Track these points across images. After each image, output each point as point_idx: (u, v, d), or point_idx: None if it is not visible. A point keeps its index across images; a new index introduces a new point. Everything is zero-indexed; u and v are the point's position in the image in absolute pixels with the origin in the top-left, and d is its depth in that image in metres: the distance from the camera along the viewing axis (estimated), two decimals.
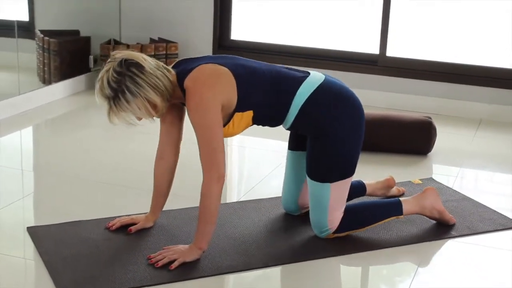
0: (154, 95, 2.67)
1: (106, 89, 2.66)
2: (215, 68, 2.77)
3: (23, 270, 2.78)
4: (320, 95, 2.88)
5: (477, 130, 4.75)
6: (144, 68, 2.67)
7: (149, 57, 2.75)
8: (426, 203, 3.12)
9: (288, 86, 2.88)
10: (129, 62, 2.67)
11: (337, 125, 2.89)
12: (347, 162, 2.93)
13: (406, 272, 2.86)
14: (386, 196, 3.48)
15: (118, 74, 2.65)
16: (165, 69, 2.76)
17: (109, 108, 2.68)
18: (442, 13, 5.17)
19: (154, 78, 2.68)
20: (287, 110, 2.88)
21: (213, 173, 2.70)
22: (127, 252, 2.86)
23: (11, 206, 3.29)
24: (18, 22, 4.76)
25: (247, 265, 2.80)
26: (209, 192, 2.71)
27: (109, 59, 2.72)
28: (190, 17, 5.46)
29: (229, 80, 2.76)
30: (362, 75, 5.19)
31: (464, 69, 5.04)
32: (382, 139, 4.14)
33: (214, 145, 2.70)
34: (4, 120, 4.52)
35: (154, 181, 3.03)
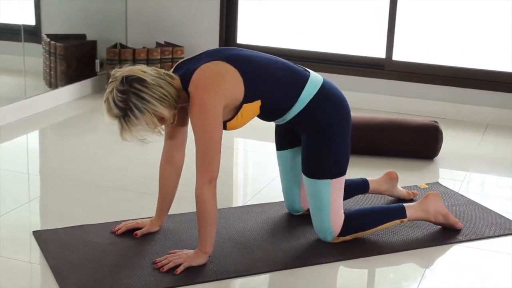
0: (161, 107, 2.67)
1: (114, 109, 2.65)
2: (217, 68, 2.75)
3: (28, 274, 2.78)
4: (323, 94, 2.91)
5: (483, 134, 4.74)
6: (146, 82, 2.66)
7: (148, 67, 2.74)
8: (430, 208, 3.12)
9: (297, 78, 2.89)
10: (130, 79, 2.66)
11: (334, 126, 2.90)
12: (343, 158, 2.94)
13: (412, 276, 2.86)
14: (392, 194, 3.48)
15: (122, 93, 2.64)
16: (167, 75, 2.75)
17: (121, 126, 2.68)
18: (448, 17, 5.16)
19: (158, 89, 2.67)
20: (293, 103, 2.88)
21: (206, 176, 2.70)
22: (133, 256, 2.85)
23: (17, 210, 3.30)
24: (25, 26, 4.77)
25: (253, 270, 2.80)
26: (202, 195, 2.71)
27: (110, 79, 2.71)
28: (196, 21, 5.46)
29: (233, 76, 2.76)
30: (368, 79, 5.18)
31: (471, 73, 5.03)
32: (388, 143, 4.13)
33: (212, 149, 2.70)
34: (11, 124, 4.52)
35: (160, 185, 3.03)
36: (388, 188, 3.47)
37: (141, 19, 5.57)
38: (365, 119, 4.15)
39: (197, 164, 2.73)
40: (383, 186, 3.46)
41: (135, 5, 5.57)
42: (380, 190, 3.46)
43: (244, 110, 2.80)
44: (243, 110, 2.80)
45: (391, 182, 3.47)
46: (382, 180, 3.46)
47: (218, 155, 2.72)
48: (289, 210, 3.29)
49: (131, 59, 5.17)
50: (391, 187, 3.47)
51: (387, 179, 3.46)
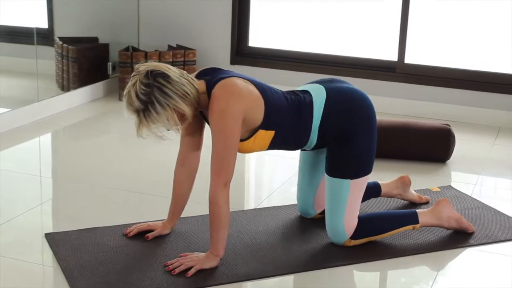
0: (183, 104, 2.67)
1: (135, 102, 2.65)
2: (247, 84, 2.79)
3: (40, 276, 2.79)
4: (331, 108, 2.91)
5: (496, 137, 4.72)
6: (170, 77, 2.67)
7: (172, 66, 2.75)
8: (443, 215, 3.11)
9: (306, 108, 2.90)
10: (155, 73, 2.66)
11: (355, 126, 2.91)
12: (366, 158, 2.95)
13: (424, 280, 2.85)
14: (404, 198, 3.47)
15: (146, 86, 2.64)
16: (189, 76, 2.76)
17: (139, 121, 2.67)
18: (460, 20, 5.14)
19: (181, 86, 2.68)
20: (310, 131, 2.91)
21: (221, 179, 2.71)
22: (144, 259, 2.86)
23: (30, 212, 3.31)
24: (37, 29, 4.79)
25: (264, 273, 2.79)
26: (216, 198, 2.72)
27: (134, 72, 2.71)
28: (208, 24, 5.47)
29: (257, 97, 2.79)
30: (380, 82, 5.17)
31: (483, 76, 5.01)
32: (400, 146, 4.12)
33: (228, 151, 2.70)
34: (23, 126, 4.54)
35: (174, 188, 3.03)
36: (400, 192, 3.46)
37: (153, 22, 5.58)
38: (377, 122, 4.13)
39: (212, 166, 2.73)
40: (395, 190, 3.45)
41: (147, 8, 5.59)
42: (392, 194, 3.45)
43: (259, 135, 2.82)
44: (257, 135, 2.82)
45: (403, 186, 3.46)
46: (394, 184, 3.45)
47: (234, 159, 2.73)
48: (301, 213, 3.29)
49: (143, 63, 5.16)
50: (403, 191, 3.46)
51: (399, 183, 3.46)
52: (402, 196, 3.47)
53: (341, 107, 2.92)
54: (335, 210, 2.96)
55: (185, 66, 5.27)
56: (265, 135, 2.84)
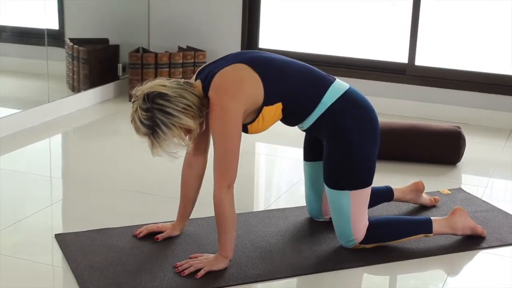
0: (186, 119, 2.67)
1: (141, 128, 2.66)
2: (236, 72, 2.75)
3: (50, 277, 2.80)
4: (346, 100, 2.88)
5: (507, 140, 4.70)
6: (168, 95, 2.66)
7: (167, 80, 2.74)
8: (457, 225, 3.08)
9: (319, 82, 2.87)
10: (152, 95, 2.65)
11: (355, 132, 2.87)
12: (365, 170, 2.91)
13: (434, 283, 2.84)
14: (416, 202, 3.45)
15: (146, 110, 2.65)
16: (188, 84, 2.75)
17: (151, 143, 2.68)
18: (471, 22, 5.13)
19: (181, 100, 2.67)
20: (314, 106, 2.86)
21: (225, 181, 2.70)
22: (154, 260, 2.86)
23: (40, 213, 3.31)
24: (48, 31, 4.80)
25: (273, 274, 2.79)
26: (221, 200, 2.72)
27: (133, 98, 2.71)
28: (218, 26, 5.47)
29: (252, 79, 2.75)
30: (390, 84, 5.16)
31: (494, 78, 5.00)
32: (410, 148, 4.11)
33: (231, 154, 2.70)
34: (34, 127, 4.56)
35: (182, 189, 3.03)
36: (413, 197, 3.43)
37: (163, 23, 5.59)
38: (387, 124, 4.13)
39: (215, 169, 2.73)
40: (408, 195, 3.42)
41: (158, 9, 5.59)
42: (405, 199, 3.43)
43: (265, 112, 2.80)
44: (264, 113, 2.79)
45: (416, 192, 3.43)
46: (407, 190, 3.42)
47: (237, 161, 2.72)
48: (311, 216, 3.29)
49: (153, 63, 5.18)
50: (416, 196, 3.44)
51: (413, 189, 3.43)
52: (415, 201, 3.45)
53: (352, 108, 2.89)
54: (340, 220, 2.95)
55: (195, 67, 5.27)
56: (273, 109, 2.80)
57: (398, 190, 3.40)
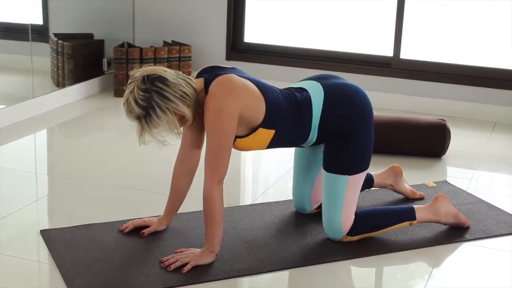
0: (182, 106, 2.67)
1: (135, 108, 2.64)
2: (245, 81, 2.78)
3: (36, 273, 2.79)
4: (330, 103, 2.90)
5: (491, 132, 4.72)
6: (168, 80, 2.66)
7: (167, 68, 2.74)
8: (440, 211, 3.11)
9: (305, 106, 2.89)
10: (152, 77, 2.65)
11: (355, 122, 2.91)
12: (366, 153, 2.95)
13: (420, 275, 2.85)
14: (397, 189, 3.48)
15: (144, 91, 2.64)
16: (185, 76, 2.75)
17: (141, 127, 2.67)
18: (456, 15, 5.15)
19: (180, 87, 2.67)
20: (310, 130, 2.90)
21: (215, 176, 2.71)
22: (140, 255, 2.86)
23: (25, 209, 3.30)
24: (32, 26, 4.78)
25: (260, 268, 2.79)
26: (211, 195, 2.72)
27: (130, 79, 2.70)
28: (204, 20, 5.46)
29: (257, 95, 2.78)
30: (375, 78, 5.17)
31: (478, 71, 5.02)
32: (396, 141, 4.13)
33: (223, 150, 2.70)
34: (18, 123, 4.53)
35: (172, 185, 3.03)
36: (392, 182, 3.47)
37: (148, 18, 5.58)
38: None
39: (206, 164, 2.73)
40: (387, 180, 3.47)
41: (143, 4, 5.58)
42: (385, 184, 3.47)
43: (259, 133, 2.81)
44: (257, 133, 2.81)
45: (395, 176, 3.47)
46: (386, 174, 3.47)
47: (228, 157, 2.73)
48: (297, 209, 3.29)
49: (138, 58, 5.17)
50: (394, 181, 3.47)
51: (390, 173, 3.47)
52: (394, 187, 3.48)
53: (340, 104, 2.91)
54: (333, 206, 2.96)
55: (180, 62, 5.26)
56: (265, 134, 2.83)
57: (378, 176, 3.46)
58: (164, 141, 2.71)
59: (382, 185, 3.47)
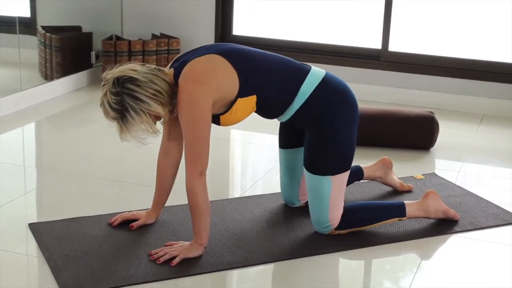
0: (155, 105, 2.66)
1: (111, 112, 2.65)
2: (210, 63, 2.75)
3: (25, 266, 2.78)
4: (325, 86, 2.89)
5: (479, 125, 4.74)
6: (138, 80, 2.65)
7: (139, 64, 2.73)
8: (430, 208, 3.11)
9: (295, 72, 2.87)
10: (122, 79, 2.65)
11: (337, 118, 2.89)
12: (346, 154, 2.93)
13: (408, 267, 2.86)
14: (386, 181, 3.49)
15: (115, 94, 2.64)
16: (159, 71, 2.74)
17: (120, 128, 2.68)
18: (444, 8, 5.15)
19: (151, 86, 2.66)
20: (292, 98, 2.86)
21: (196, 169, 2.70)
22: (129, 248, 2.85)
23: (13, 202, 3.29)
24: (20, 18, 4.75)
25: (248, 261, 2.80)
26: (193, 188, 2.71)
27: (103, 82, 2.70)
28: (192, 13, 5.45)
29: (226, 70, 2.75)
30: (364, 70, 5.18)
31: (467, 64, 5.03)
32: (384, 134, 4.13)
33: (200, 142, 2.69)
34: (6, 116, 4.52)
35: (157, 178, 3.02)
36: (382, 175, 3.47)
37: (136, 10, 5.56)
38: (361, 110, 4.11)
39: (186, 158, 2.72)
40: (377, 173, 3.47)
41: None
42: (374, 177, 3.47)
43: (239, 104, 2.79)
44: (237, 104, 2.79)
45: (384, 169, 3.48)
46: (375, 167, 3.47)
47: (207, 148, 2.71)
48: (286, 202, 3.29)
49: (126, 51, 5.15)
50: (384, 174, 3.48)
51: (380, 165, 3.47)
52: (383, 180, 3.49)
53: (332, 95, 2.90)
54: (319, 206, 2.96)
55: (169, 55, 5.25)
56: (247, 102, 2.80)
57: (367, 168, 3.45)
58: (143, 139, 2.71)
59: (371, 177, 3.48)
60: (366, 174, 3.44)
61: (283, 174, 3.22)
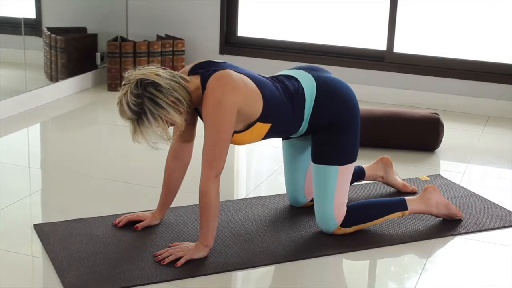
0: (173, 113, 2.66)
1: (127, 111, 2.65)
2: (242, 76, 2.78)
3: (30, 267, 2.78)
4: (322, 94, 2.92)
5: (484, 126, 4.73)
6: (161, 86, 2.65)
7: (162, 69, 2.72)
8: (431, 201, 3.12)
9: (298, 98, 2.90)
10: (145, 83, 2.64)
11: (344, 116, 2.93)
12: (352, 145, 2.96)
13: (413, 268, 2.86)
14: (388, 181, 3.50)
15: (136, 96, 2.63)
16: (181, 78, 2.73)
17: (133, 129, 2.67)
18: (449, 9, 5.15)
19: (173, 93, 2.66)
20: (302, 121, 2.91)
21: (213, 171, 2.70)
22: (134, 249, 2.86)
23: (18, 203, 3.30)
24: (25, 20, 4.76)
25: (253, 262, 2.80)
26: (208, 189, 2.71)
27: (124, 81, 2.69)
28: (197, 14, 5.46)
29: (254, 91, 2.78)
30: (369, 72, 5.17)
31: (472, 65, 5.02)
32: (389, 135, 4.13)
33: (221, 144, 2.70)
34: (12, 117, 4.52)
35: (164, 179, 3.02)
36: (383, 174, 3.49)
37: (141, 12, 5.56)
38: (366, 111, 4.14)
39: (204, 158, 2.72)
40: (378, 172, 3.49)
41: None
42: (376, 176, 3.49)
43: (256, 127, 2.82)
44: (255, 127, 2.81)
45: (385, 167, 3.49)
46: (376, 166, 3.49)
47: (226, 152, 2.72)
48: (291, 202, 3.29)
49: (131, 52, 5.16)
50: (385, 173, 3.49)
51: (380, 164, 3.49)
52: (384, 179, 3.49)
53: (331, 98, 2.92)
54: (324, 197, 2.97)
55: (174, 56, 5.25)
56: (262, 128, 2.84)
57: (369, 168, 3.48)
58: (155, 144, 2.71)
59: (373, 177, 3.49)
60: (368, 174, 3.46)
61: (288, 168, 3.22)
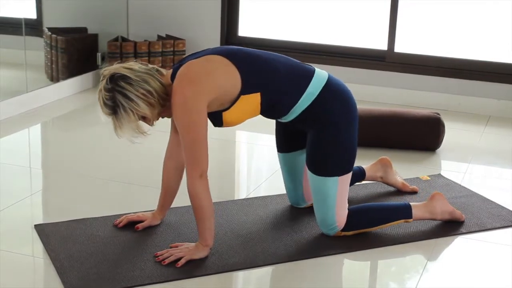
0: (143, 106, 2.66)
1: (104, 108, 2.68)
2: (207, 63, 2.74)
3: (31, 267, 2.78)
4: (330, 88, 2.89)
5: (485, 126, 4.73)
6: (130, 79, 2.65)
7: (137, 63, 2.73)
8: (436, 210, 3.10)
9: (301, 74, 2.87)
10: (116, 77, 2.66)
11: (343, 118, 2.89)
12: (350, 154, 2.94)
13: (414, 268, 2.85)
14: (388, 181, 3.49)
15: (108, 91, 2.66)
16: (156, 71, 2.74)
17: (114, 124, 2.70)
18: (450, 9, 5.14)
19: (143, 85, 2.66)
20: (298, 99, 2.85)
21: (196, 171, 2.69)
22: (134, 249, 2.86)
23: (19, 203, 3.30)
24: (26, 20, 4.76)
25: (254, 263, 2.80)
26: (195, 190, 2.71)
27: (101, 77, 2.72)
28: (198, 14, 5.45)
29: (226, 68, 2.73)
30: (370, 71, 5.17)
31: (473, 65, 5.02)
32: (390, 135, 4.13)
33: (198, 144, 2.68)
34: (12, 117, 4.52)
35: (163, 180, 3.02)
36: (382, 174, 3.48)
37: (142, 12, 5.56)
38: (367, 111, 4.14)
39: (185, 160, 2.72)
40: (378, 173, 3.48)
41: None
42: (375, 177, 3.48)
43: (242, 101, 2.77)
44: (241, 101, 2.77)
45: (384, 168, 3.48)
46: (375, 167, 3.48)
47: (205, 149, 2.70)
48: (292, 204, 3.29)
49: (132, 52, 5.16)
50: (385, 173, 3.48)
51: (379, 165, 3.48)
52: (384, 180, 3.49)
53: (337, 96, 2.89)
54: (325, 207, 2.95)
55: (174, 56, 5.26)
56: (250, 99, 2.78)
57: (368, 169, 3.46)
58: (133, 138, 2.73)
59: (373, 177, 3.48)
60: (367, 175, 3.45)
61: (286, 178, 3.22)
